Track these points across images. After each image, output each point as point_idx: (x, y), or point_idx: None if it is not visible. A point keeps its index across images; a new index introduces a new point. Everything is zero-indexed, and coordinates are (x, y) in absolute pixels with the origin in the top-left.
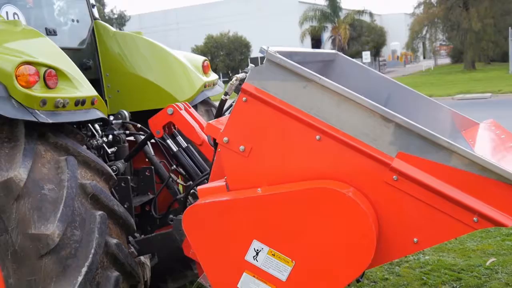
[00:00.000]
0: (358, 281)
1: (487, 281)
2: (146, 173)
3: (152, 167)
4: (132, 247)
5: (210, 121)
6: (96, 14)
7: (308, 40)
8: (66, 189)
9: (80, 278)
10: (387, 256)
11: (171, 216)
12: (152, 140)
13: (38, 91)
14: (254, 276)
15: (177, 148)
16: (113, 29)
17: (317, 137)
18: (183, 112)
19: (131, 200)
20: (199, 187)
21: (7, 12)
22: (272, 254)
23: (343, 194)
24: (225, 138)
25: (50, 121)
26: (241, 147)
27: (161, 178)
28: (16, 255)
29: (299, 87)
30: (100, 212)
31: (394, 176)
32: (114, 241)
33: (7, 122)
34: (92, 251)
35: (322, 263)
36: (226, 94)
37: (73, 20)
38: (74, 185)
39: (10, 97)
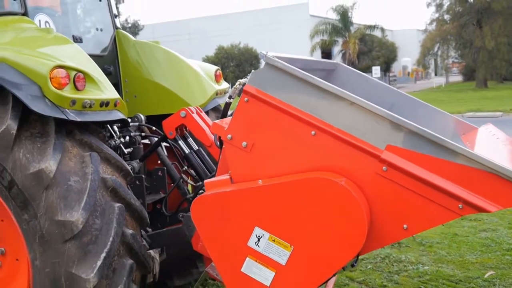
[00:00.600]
0: (352, 265)
1: None
2: (159, 174)
3: (165, 168)
4: (144, 241)
5: (215, 121)
6: (118, 24)
7: (318, 53)
8: (89, 182)
9: (99, 263)
10: (379, 241)
11: (181, 213)
12: (166, 144)
13: (68, 92)
14: (256, 261)
15: (189, 150)
16: (133, 38)
17: (313, 132)
18: (195, 116)
19: (145, 197)
20: (206, 180)
21: (39, 20)
22: (273, 240)
23: (337, 183)
24: (229, 135)
25: (78, 120)
26: (244, 143)
27: (172, 179)
28: (43, 239)
29: (296, 88)
30: (118, 204)
31: (383, 167)
32: (130, 231)
33: (39, 119)
34: (111, 239)
35: (318, 247)
36: (230, 97)
37: (97, 29)
38: (97, 178)
39: (44, 97)
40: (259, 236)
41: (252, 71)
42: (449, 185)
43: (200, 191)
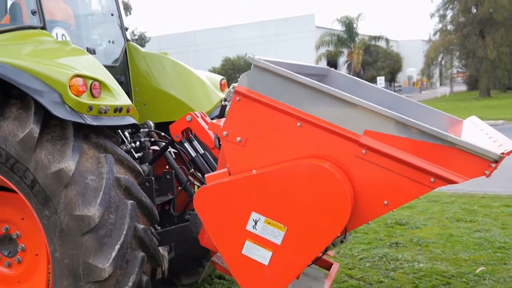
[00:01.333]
0: (342, 241)
1: (474, 286)
2: (167, 177)
3: (173, 171)
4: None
5: (212, 121)
6: (129, 36)
7: (324, 64)
8: (105, 180)
9: (113, 254)
10: (364, 217)
11: (188, 211)
12: (174, 150)
13: (86, 99)
14: (255, 243)
15: (195, 154)
16: (142, 49)
17: (298, 124)
18: (200, 120)
19: (154, 198)
20: (206, 175)
21: (57, 33)
22: (268, 222)
23: (322, 167)
24: (225, 132)
25: (95, 124)
26: (238, 138)
27: (180, 182)
28: (63, 233)
29: (281, 85)
30: (131, 201)
31: (363, 150)
32: (141, 226)
33: (59, 123)
34: (124, 232)
35: (309, 225)
36: (225, 100)
37: (109, 41)
38: (111, 177)
39: (64, 103)
40: (255, 220)
41: (242, 73)
42: (421, 162)
43: None
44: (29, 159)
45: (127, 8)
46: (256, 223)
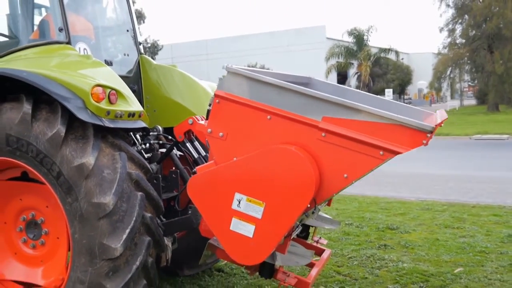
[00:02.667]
0: (313, 212)
1: (450, 284)
2: (173, 176)
3: (178, 171)
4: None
5: (199, 122)
6: (142, 50)
7: (334, 75)
8: (118, 174)
9: (124, 236)
10: (329, 190)
11: (189, 206)
12: (180, 153)
13: (104, 105)
14: (240, 219)
15: (198, 155)
16: (154, 62)
17: (268, 117)
18: (200, 122)
19: (161, 193)
20: (197, 167)
21: (79, 48)
22: (249, 201)
23: (289, 149)
24: (209, 130)
25: (112, 126)
26: (220, 134)
27: (184, 180)
28: (82, 217)
29: (251, 86)
30: (140, 193)
31: (322, 134)
32: (149, 215)
33: (81, 125)
34: (134, 219)
35: (282, 199)
36: (210, 105)
37: (124, 54)
38: (124, 172)
39: (86, 108)
40: (239, 200)
41: (219, 78)
42: (370, 139)
43: None
44: (55, 154)
45: (141, 16)
46: (239, 202)
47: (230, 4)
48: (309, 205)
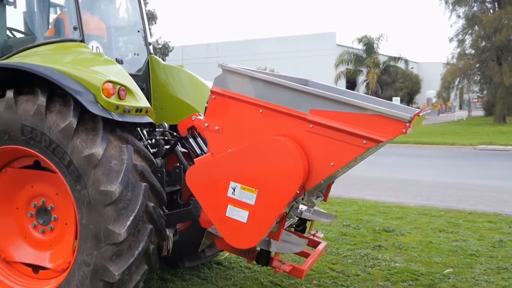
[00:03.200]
0: (302, 198)
1: (438, 283)
2: (176, 170)
3: (181, 166)
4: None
5: (197, 117)
6: (151, 50)
7: (343, 82)
8: (125, 165)
9: (128, 223)
10: (317, 177)
11: (191, 198)
12: (184, 150)
13: (114, 100)
14: (235, 206)
15: (200, 152)
16: (162, 62)
17: (260, 111)
18: (199, 118)
19: (164, 186)
20: (196, 158)
21: (92, 46)
22: (243, 188)
23: (279, 140)
24: (206, 124)
25: (120, 120)
26: (216, 127)
27: None
28: (90, 204)
29: (244, 82)
30: (144, 183)
31: (310, 125)
32: (152, 204)
33: (91, 118)
34: (137, 207)
35: (273, 186)
36: (207, 102)
37: (134, 54)
38: (130, 163)
39: (97, 102)
40: (233, 188)
41: (215, 77)
42: (354, 129)
43: None
44: (67, 144)
45: (153, 17)
46: (234, 190)
47: (241, 8)
48: (298, 191)
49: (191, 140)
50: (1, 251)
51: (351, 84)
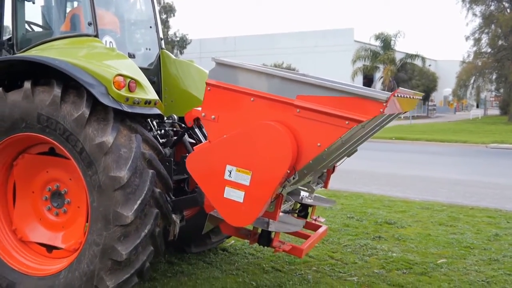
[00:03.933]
0: (293, 178)
1: (430, 271)
2: (184, 160)
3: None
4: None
5: (194, 108)
6: (163, 45)
7: (360, 78)
8: (133, 153)
9: (135, 207)
10: (306, 157)
11: (196, 186)
12: (192, 140)
13: (124, 92)
14: (232, 187)
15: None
16: (173, 57)
17: (252, 99)
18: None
19: (172, 174)
20: (195, 147)
21: (106, 41)
22: (238, 171)
23: (270, 124)
24: (203, 114)
25: (130, 111)
26: (213, 117)
27: None
28: (100, 188)
29: (236, 73)
30: (152, 171)
31: (297, 110)
32: (158, 190)
33: (103, 109)
34: (145, 192)
35: (266, 167)
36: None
37: (146, 48)
38: (138, 151)
39: (108, 94)
40: (230, 171)
41: (209, 70)
42: (337, 111)
43: None
44: (80, 133)
45: (171, 10)
46: (230, 173)
47: (259, 2)
48: (289, 171)
49: (197, 130)
50: (17, 232)
51: (368, 81)
